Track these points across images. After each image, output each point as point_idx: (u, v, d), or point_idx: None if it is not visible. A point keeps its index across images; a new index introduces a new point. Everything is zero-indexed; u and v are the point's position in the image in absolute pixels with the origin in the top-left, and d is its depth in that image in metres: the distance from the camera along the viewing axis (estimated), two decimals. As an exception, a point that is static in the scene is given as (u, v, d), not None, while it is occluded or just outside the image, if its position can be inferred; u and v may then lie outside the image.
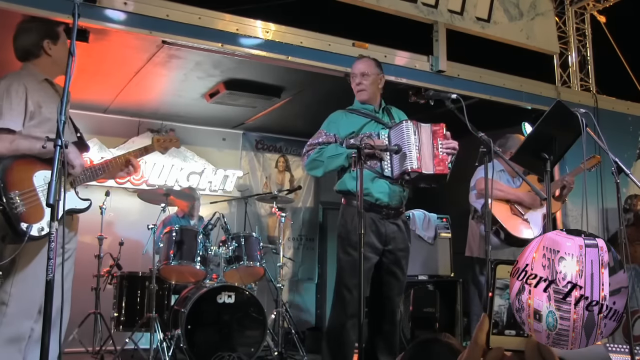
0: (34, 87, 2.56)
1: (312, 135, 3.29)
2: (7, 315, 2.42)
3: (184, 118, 5.88)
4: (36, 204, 2.42)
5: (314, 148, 3.19)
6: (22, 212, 2.36)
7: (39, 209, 2.42)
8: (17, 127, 2.45)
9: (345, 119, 3.25)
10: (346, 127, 3.21)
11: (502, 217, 3.93)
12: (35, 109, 2.52)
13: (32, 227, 2.36)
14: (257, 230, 4.99)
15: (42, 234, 2.39)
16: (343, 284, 3.10)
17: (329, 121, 3.29)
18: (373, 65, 3.36)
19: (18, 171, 2.42)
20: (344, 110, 3.33)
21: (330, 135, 3.20)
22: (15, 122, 2.45)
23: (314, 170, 3.22)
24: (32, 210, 2.40)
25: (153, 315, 4.13)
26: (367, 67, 3.33)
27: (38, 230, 2.39)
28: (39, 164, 2.47)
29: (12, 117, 2.44)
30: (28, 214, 2.38)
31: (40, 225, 2.40)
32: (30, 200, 2.41)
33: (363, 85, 3.30)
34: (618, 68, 6.49)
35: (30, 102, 2.51)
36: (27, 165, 2.45)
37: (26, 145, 2.43)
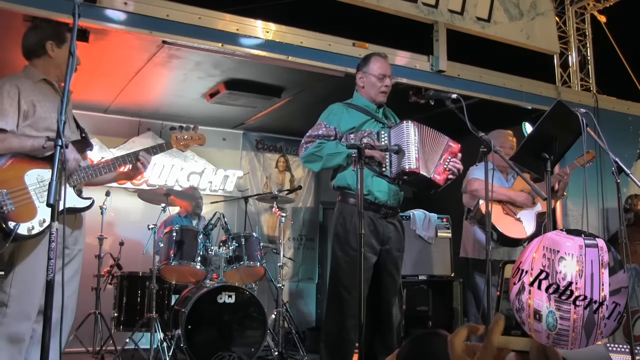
0: (28, 87, 2.56)
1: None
2: (7, 315, 2.42)
3: (184, 118, 5.88)
4: (27, 202, 2.41)
5: (313, 141, 3.13)
6: (10, 210, 2.35)
7: (30, 207, 2.40)
8: (9, 126, 2.45)
9: (347, 113, 3.20)
10: (347, 122, 3.16)
11: (494, 217, 3.89)
12: (29, 108, 2.51)
13: (19, 225, 2.34)
14: (257, 230, 5.00)
15: (33, 233, 2.38)
16: (341, 284, 3.07)
17: (329, 113, 3.23)
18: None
19: (8, 170, 2.41)
20: (343, 103, 3.27)
21: (331, 128, 3.15)
22: (7, 122, 2.44)
23: (310, 164, 3.18)
24: (22, 209, 2.38)
25: (153, 315, 4.14)
26: (391, 69, 3.33)
27: (28, 229, 2.37)
28: (32, 162, 2.46)
29: (3, 117, 2.44)
30: (17, 213, 2.36)
31: (30, 224, 2.38)
32: (20, 199, 2.39)
33: (389, 89, 3.28)
34: (618, 68, 6.49)
35: (24, 102, 2.50)
36: (19, 164, 2.44)
37: (17, 143, 2.43)
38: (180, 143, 2.95)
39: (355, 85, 3.36)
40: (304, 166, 3.26)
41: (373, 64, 3.27)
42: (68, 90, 1.97)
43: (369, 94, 3.27)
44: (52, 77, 2.67)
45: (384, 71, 3.25)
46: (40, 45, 2.64)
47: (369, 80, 3.26)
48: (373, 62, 3.28)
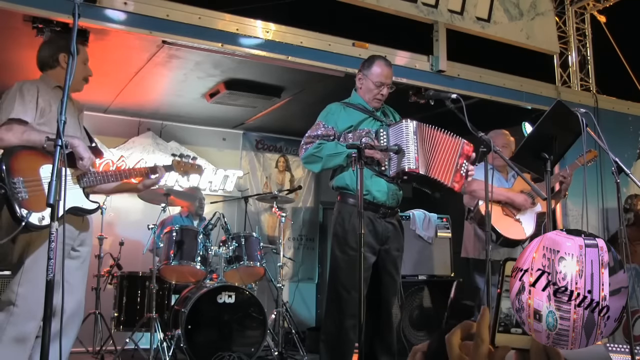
0: (46, 90, 2.66)
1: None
2: (14, 314, 2.43)
3: (184, 118, 5.88)
4: (39, 193, 2.44)
5: (313, 141, 3.14)
6: (24, 198, 2.38)
7: (42, 198, 2.42)
8: (29, 118, 2.53)
9: (344, 112, 3.21)
10: (344, 121, 3.17)
11: (493, 218, 3.89)
12: (46, 107, 2.60)
13: (31, 213, 2.36)
14: (257, 230, 4.99)
15: (43, 224, 2.40)
16: (340, 284, 3.08)
17: (327, 112, 3.24)
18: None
19: (25, 160, 2.46)
20: (341, 103, 3.28)
21: (329, 127, 3.16)
22: (27, 114, 2.53)
23: (310, 165, 3.18)
24: (34, 199, 2.41)
25: (153, 315, 4.13)
26: (392, 77, 3.31)
27: (39, 219, 2.39)
28: (48, 158, 2.49)
29: (25, 110, 2.52)
30: (30, 202, 2.40)
31: (41, 215, 2.40)
32: (34, 188, 2.43)
33: (385, 97, 3.27)
34: (618, 68, 6.48)
35: (41, 100, 2.59)
36: (36, 156, 2.49)
37: (37, 137, 2.48)
38: (181, 168, 3.21)
39: (355, 84, 3.37)
40: (305, 167, 3.26)
41: (375, 68, 3.25)
42: (68, 91, 1.98)
43: (365, 97, 3.28)
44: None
45: (383, 79, 3.22)
46: (54, 58, 2.76)
47: (367, 84, 3.26)
48: (375, 66, 3.26)
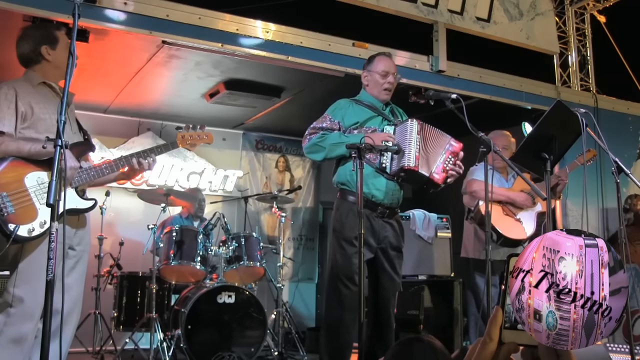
0: (26, 90, 2.56)
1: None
2: (11, 315, 2.42)
3: (184, 118, 5.87)
4: (27, 204, 2.41)
5: (317, 132, 3.17)
6: (10, 213, 2.35)
7: (30, 209, 2.40)
8: (5, 128, 2.45)
9: (351, 108, 3.25)
10: (351, 116, 3.20)
11: (494, 218, 3.89)
12: (27, 110, 2.51)
13: (19, 227, 2.34)
14: (257, 230, 4.99)
15: (33, 235, 2.38)
16: (338, 278, 3.10)
17: (336, 107, 3.28)
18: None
19: (8, 172, 2.41)
20: (350, 99, 3.32)
21: (335, 121, 3.19)
22: (3, 124, 2.45)
23: (313, 154, 3.20)
24: (21, 211, 2.38)
25: (153, 315, 4.13)
26: (396, 68, 3.35)
27: (28, 231, 2.37)
28: (31, 165, 2.46)
29: (1, 119, 2.44)
30: (17, 215, 2.36)
31: (30, 226, 2.38)
32: (20, 200, 2.39)
33: (393, 86, 3.31)
34: (618, 68, 6.49)
35: (21, 104, 2.50)
36: (18, 167, 2.44)
37: (14, 147, 2.43)
38: (187, 142, 2.90)
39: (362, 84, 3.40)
40: (307, 157, 3.27)
41: (377, 62, 3.33)
42: (68, 91, 1.97)
43: (373, 92, 3.32)
44: (52, 79, 2.68)
45: (387, 68, 3.29)
46: (37, 52, 2.65)
47: (373, 78, 3.31)
48: (377, 60, 3.34)
